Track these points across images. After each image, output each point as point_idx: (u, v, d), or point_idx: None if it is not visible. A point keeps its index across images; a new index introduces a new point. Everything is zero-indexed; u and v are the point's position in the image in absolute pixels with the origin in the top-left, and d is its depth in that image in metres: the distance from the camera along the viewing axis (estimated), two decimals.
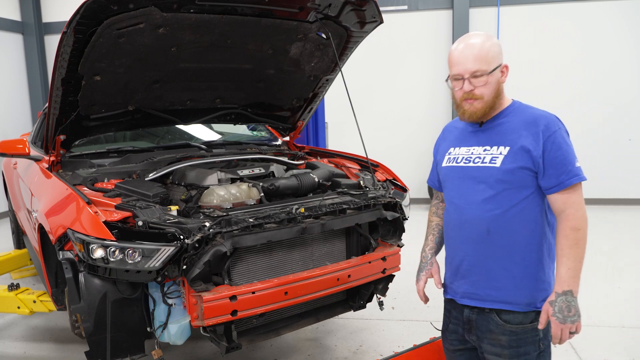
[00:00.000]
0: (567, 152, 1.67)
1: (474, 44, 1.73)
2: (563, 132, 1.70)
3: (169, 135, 4.04)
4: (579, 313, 1.63)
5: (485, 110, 1.75)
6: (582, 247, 1.64)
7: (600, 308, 3.97)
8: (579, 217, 1.64)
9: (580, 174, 1.66)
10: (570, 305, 1.62)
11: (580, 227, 1.64)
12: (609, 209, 7.36)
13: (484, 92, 1.73)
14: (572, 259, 1.63)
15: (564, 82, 7.51)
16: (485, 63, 1.72)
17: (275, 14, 2.89)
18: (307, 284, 2.53)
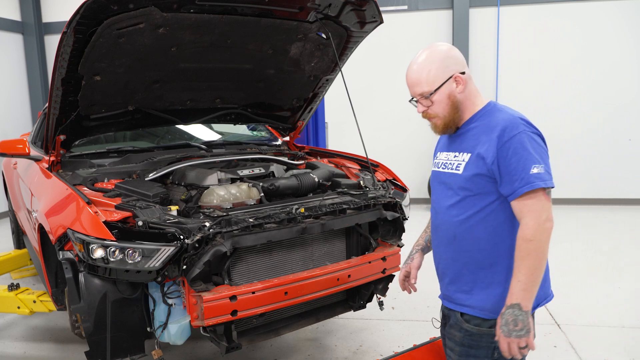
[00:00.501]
0: (523, 158, 1.57)
1: (413, 69, 1.73)
2: (524, 136, 1.60)
3: (169, 135, 4.04)
4: (527, 328, 1.54)
5: (447, 124, 1.74)
6: (534, 259, 1.54)
7: (600, 308, 3.97)
8: (532, 227, 1.55)
9: (534, 182, 1.55)
10: (517, 319, 1.54)
11: (533, 238, 1.54)
12: (609, 209, 7.36)
13: (436, 110, 1.73)
14: (523, 271, 1.55)
15: (564, 82, 7.51)
16: (425, 85, 1.70)
17: (275, 14, 2.89)
18: (307, 284, 2.53)
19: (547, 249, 1.57)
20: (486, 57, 7.64)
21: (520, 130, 1.60)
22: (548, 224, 1.57)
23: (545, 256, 1.58)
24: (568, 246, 5.62)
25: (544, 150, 1.63)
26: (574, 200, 7.71)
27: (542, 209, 1.56)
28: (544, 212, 1.56)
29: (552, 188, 1.59)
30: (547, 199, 1.58)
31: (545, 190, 1.57)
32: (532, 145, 1.59)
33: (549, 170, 1.59)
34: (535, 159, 1.57)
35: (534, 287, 1.56)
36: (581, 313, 3.89)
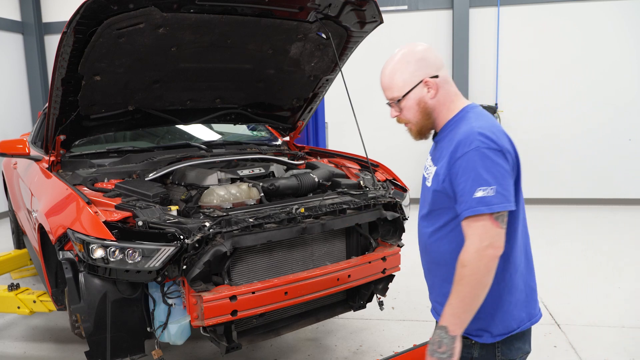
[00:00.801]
0: (470, 179, 1.46)
1: (384, 72, 1.65)
2: (475, 154, 1.46)
3: (169, 135, 4.04)
4: (450, 352, 1.48)
5: (420, 130, 1.67)
6: (467, 285, 1.46)
7: (600, 308, 3.97)
8: (469, 253, 1.45)
9: (475, 207, 1.43)
10: (442, 342, 1.49)
11: (468, 264, 1.45)
12: (609, 209, 7.36)
13: (408, 116, 1.65)
14: (455, 295, 1.48)
15: (564, 82, 7.51)
16: (395, 90, 1.63)
17: (275, 14, 2.89)
18: (307, 284, 2.53)
19: (485, 277, 1.46)
20: (486, 57, 7.64)
21: (473, 147, 1.46)
22: (489, 251, 1.44)
23: (482, 285, 1.46)
24: (568, 246, 5.63)
25: (502, 169, 1.46)
26: (574, 200, 7.71)
27: (485, 234, 1.45)
28: (486, 239, 1.44)
29: (501, 213, 1.45)
30: (495, 225, 1.45)
31: (493, 215, 1.44)
32: (483, 164, 1.45)
33: (503, 192, 1.44)
34: (484, 180, 1.44)
35: (464, 314, 1.49)
36: (581, 313, 3.89)
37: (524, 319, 1.63)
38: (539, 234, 6.08)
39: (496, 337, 1.61)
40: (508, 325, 1.61)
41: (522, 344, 1.67)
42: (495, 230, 1.45)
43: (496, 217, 1.45)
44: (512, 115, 7.62)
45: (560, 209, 7.51)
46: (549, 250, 5.45)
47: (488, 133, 1.49)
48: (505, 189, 1.46)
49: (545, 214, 7.18)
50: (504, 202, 1.45)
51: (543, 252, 5.31)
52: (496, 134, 1.50)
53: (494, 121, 1.60)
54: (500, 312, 1.60)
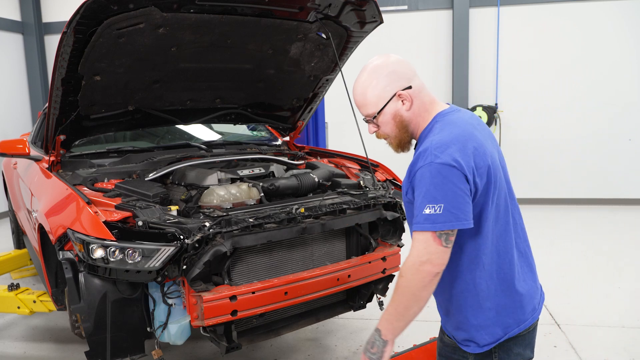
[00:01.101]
0: (421, 195, 1.45)
1: (355, 89, 1.63)
2: (426, 170, 1.45)
3: (169, 135, 4.04)
4: (379, 355, 1.54)
5: (399, 143, 1.64)
6: (401, 295, 1.48)
7: (600, 308, 3.97)
8: (407, 265, 1.47)
9: (422, 223, 1.43)
10: (375, 344, 1.55)
11: (403, 275, 1.47)
12: (609, 209, 7.36)
13: (386, 131, 1.63)
14: (391, 303, 1.53)
15: (564, 82, 7.51)
16: (370, 106, 1.60)
17: (275, 14, 2.89)
18: (307, 284, 2.53)
19: (420, 291, 1.46)
20: (486, 57, 7.64)
21: (427, 162, 1.45)
22: (426, 267, 1.44)
23: (415, 298, 1.47)
24: (568, 246, 5.63)
25: (453, 186, 1.42)
26: (574, 200, 7.71)
27: (424, 250, 1.44)
28: (424, 255, 1.44)
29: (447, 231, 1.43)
30: (436, 242, 1.43)
31: (436, 233, 1.43)
32: (433, 181, 1.43)
33: (453, 210, 1.42)
34: (432, 197, 1.43)
35: (396, 321, 1.52)
36: (581, 313, 3.89)
37: (510, 324, 1.60)
38: (539, 234, 6.08)
39: (483, 347, 1.59)
40: (493, 333, 1.59)
41: (522, 349, 1.64)
42: (435, 248, 1.44)
43: (439, 235, 1.43)
44: (512, 115, 7.63)
45: (560, 209, 7.51)
46: (549, 250, 5.45)
47: (444, 147, 1.45)
48: (455, 207, 1.42)
49: (545, 214, 7.18)
50: (452, 220, 1.42)
51: (543, 252, 5.31)
52: (452, 148, 1.45)
53: (461, 132, 1.52)
54: (482, 322, 1.58)
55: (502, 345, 1.60)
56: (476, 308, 1.58)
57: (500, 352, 1.61)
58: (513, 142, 7.65)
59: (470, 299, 1.58)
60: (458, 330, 1.63)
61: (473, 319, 1.59)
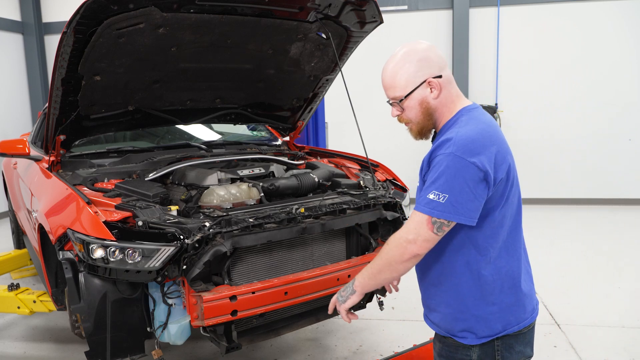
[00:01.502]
0: (431, 179, 1.49)
1: (385, 70, 1.64)
2: (446, 159, 1.47)
3: (169, 135, 4.04)
4: (345, 299, 1.69)
5: (421, 131, 1.66)
6: (380, 259, 1.58)
7: (600, 308, 3.97)
8: (395, 237, 1.55)
9: (422, 206, 1.48)
10: (347, 289, 1.71)
11: (389, 244, 1.56)
12: (609, 209, 7.36)
13: (409, 116, 1.64)
14: (372, 261, 1.63)
15: (564, 82, 7.51)
16: (398, 89, 1.61)
17: (275, 14, 2.89)
18: (307, 284, 2.53)
19: (396, 264, 1.54)
20: (486, 57, 7.64)
21: (448, 152, 1.47)
22: (409, 246, 1.51)
23: (390, 267, 1.56)
24: (568, 246, 5.63)
25: (463, 182, 1.45)
26: (574, 200, 7.71)
27: (414, 231, 1.50)
28: (412, 233, 1.50)
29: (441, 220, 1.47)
30: (428, 227, 1.48)
31: (432, 219, 1.47)
32: (449, 171, 1.45)
33: (455, 204, 1.45)
34: (441, 186, 1.46)
35: (369, 279, 1.64)
36: (581, 313, 3.89)
37: (511, 322, 1.62)
38: (539, 234, 6.08)
39: (481, 338, 1.61)
40: (492, 327, 1.60)
41: (524, 347, 1.66)
42: (425, 232, 1.49)
43: (434, 222, 1.48)
44: (512, 115, 7.63)
45: (560, 209, 7.51)
46: (549, 250, 5.45)
47: (468, 142, 1.47)
48: (459, 201, 1.45)
49: (545, 214, 7.18)
50: (451, 212, 1.46)
51: (543, 252, 5.31)
52: (476, 145, 1.48)
53: (486, 127, 1.55)
54: (483, 314, 1.60)
55: (504, 343, 1.62)
56: (478, 299, 1.59)
57: (502, 351, 1.63)
58: (513, 142, 7.57)
59: (474, 290, 1.59)
60: (456, 322, 1.63)
61: (474, 310, 1.60)
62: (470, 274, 1.59)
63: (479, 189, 1.47)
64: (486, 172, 1.46)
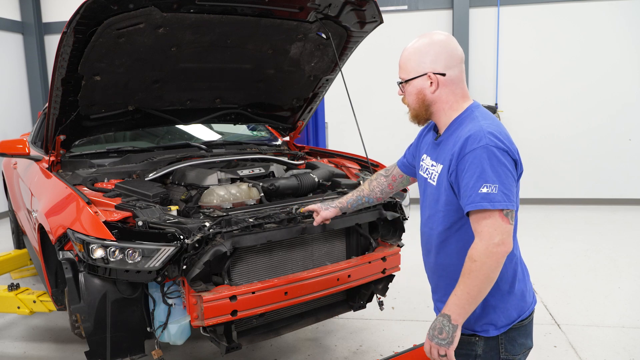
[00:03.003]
0: (476, 174, 1.48)
1: (404, 51, 1.69)
2: (483, 151, 1.49)
3: (169, 135, 4.04)
4: (450, 340, 1.52)
5: (415, 117, 1.72)
6: (474, 279, 1.48)
7: (600, 308, 3.97)
8: (479, 249, 1.48)
9: (479, 202, 1.46)
10: (443, 329, 1.54)
11: (477, 260, 1.47)
12: (609, 209, 7.36)
13: (408, 100, 1.71)
14: (461, 287, 1.51)
15: (564, 82, 7.51)
16: (404, 71, 1.68)
17: (275, 14, 2.89)
18: (307, 284, 2.53)
19: (492, 273, 1.49)
20: (486, 57, 7.64)
21: (482, 144, 1.50)
22: (500, 248, 1.47)
23: (489, 280, 1.49)
24: (568, 246, 5.62)
25: (506, 169, 1.49)
26: (575, 200, 7.71)
27: (495, 231, 1.47)
28: (496, 235, 1.47)
29: (510, 210, 1.48)
30: (505, 221, 1.48)
31: (503, 212, 1.47)
32: (490, 162, 1.48)
33: (506, 191, 1.48)
34: (489, 178, 1.47)
35: (468, 305, 1.52)
36: (581, 313, 3.89)
37: (523, 308, 1.68)
38: (539, 234, 6.08)
39: (500, 328, 1.65)
40: (509, 315, 1.65)
41: (525, 339, 1.71)
42: (505, 227, 1.48)
43: (506, 214, 1.48)
44: (512, 115, 7.63)
45: (560, 209, 7.51)
46: (549, 250, 5.45)
47: (496, 133, 1.53)
48: (508, 189, 1.48)
49: (545, 214, 7.18)
50: (506, 201, 1.48)
51: (543, 252, 5.31)
52: (503, 135, 1.55)
53: (500, 123, 1.63)
54: (504, 304, 1.65)
55: (507, 337, 1.66)
56: (496, 290, 1.61)
57: (506, 344, 1.66)
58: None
59: (503, 285, 1.63)
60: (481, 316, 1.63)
61: (493, 301, 1.63)
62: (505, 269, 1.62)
63: (515, 174, 1.55)
64: (516, 160, 1.55)
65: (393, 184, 2.10)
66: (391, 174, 2.10)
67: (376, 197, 2.14)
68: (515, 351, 1.67)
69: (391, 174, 2.10)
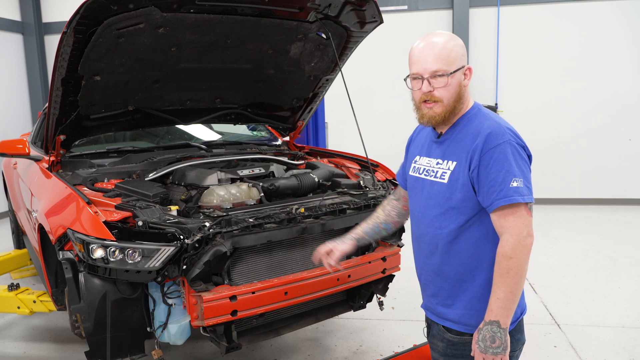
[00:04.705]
0: (504, 169, 1.51)
1: (436, 43, 1.62)
2: (508, 146, 1.53)
3: (169, 135, 4.04)
4: (504, 345, 1.52)
5: (445, 114, 1.63)
6: (514, 276, 1.50)
7: (600, 308, 3.97)
8: (512, 244, 1.50)
9: (512, 195, 1.49)
10: (495, 337, 1.52)
11: (513, 256, 1.50)
12: (609, 209, 7.36)
13: (444, 94, 1.61)
14: (502, 288, 1.51)
15: (564, 82, 7.51)
16: (446, 63, 1.60)
17: (275, 14, 2.89)
18: (307, 284, 2.53)
19: (526, 265, 1.53)
20: (486, 57, 7.63)
21: (506, 140, 1.54)
22: (528, 240, 1.53)
23: (524, 273, 1.53)
24: (568, 246, 5.63)
25: (526, 164, 1.57)
26: (575, 200, 7.71)
27: (523, 225, 1.52)
28: (524, 228, 1.52)
29: (531, 203, 1.55)
30: (529, 214, 1.53)
31: (527, 205, 1.53)
32: (514, 157, 1.53)
33: (529, 185, 1.54)
34: (516, 172, 1.52)
35: (513, 304, 1.53)
36: (581, 313, 3.89)
37: (523, 305, 1.73)
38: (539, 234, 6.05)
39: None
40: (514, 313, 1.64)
41: (520, 334, 1.73)
42: (529, 220, 1.55)
43: (530, 207, 1.55)
44: (512, 115, 7.61)
45: (560, 209, 7.51)
46: (549, 250, 5.45)
47: (512, 130, 1.60)
48: (529, 182, 1.57)
49: (545, 214, 7.18)
50: (530, 194, 1.55)
51: (543, 252, 5.31)
52: (517, 133, 1.62)
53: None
54: None
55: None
56: None
57: None
58: None
59: None
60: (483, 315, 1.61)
61: None
62: None
63: (530, 170, 1.61)
64: (530, 156, 1.63)
65: (406, 204, 2.02)
66: (400, 196, 2.03)
67: (394, 221, 2.04)
68: (513, 347, 1.66)
69: (400, 195, 2.03)
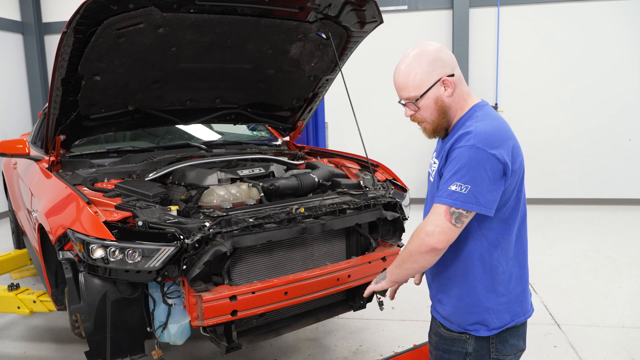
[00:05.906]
0: (453, 171, 1.51)
1: (400, 71, 1.64)
2: (467, 151, 1.50)
3: (169, 135, 4.04)
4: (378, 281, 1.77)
5: (435, 129, 1.67)
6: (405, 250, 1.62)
7: (600, 308, 3.97)
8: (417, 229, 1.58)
9: (444, 198, 1.51)
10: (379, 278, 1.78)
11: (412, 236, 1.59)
12: (609, 209, 7.36)
13: (424, 115, 1.65)
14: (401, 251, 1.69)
15: (564, 82, 7.51)
16: (413, 89, 1.61)
17: (275, 14, 2.89)
18: (307, 284, 2.53)
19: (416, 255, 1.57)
20: (486, 57, 7.64)
21: (469, 145, 1.51)
22: (427, 239, 1.53)
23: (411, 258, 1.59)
24: (568, 246, 5.63)
25: (487, 173, 1.49)
26: (575, 200, 7.71)
27: (432, 223, 1.53)
28: (430, 224, 1.53)
29: (465, 211, 1.50)
30: (446, 218, 1.51)
31: (450, 209, 1.50)
32: (471, 163, 1.49)
33: (477, 194, 1.48)
34: (463, 177, 1.49)
35: (397, 268, 1.68)
36: (581, 313, 3.89)
37: (518, 312, 1.68)
38: (539, 234, 6.08)
39: (492, 330, 1.65)
40: (502, 318, 1.65)
41: (517, 340, 1.70)
42: (442, 222, 1.52)
43: (452, 212, 1.51)
44: (512, 115, 7.61)
45: (560, 209, 7.51)
46: (549, 250, 5.45)
47: (487, 135, 1.52)
48: (480, 191, 1.49)
49: (546, 214, 7.18)
50: (473, 203, 1.50)
51: (543, 252, 5.31)
52: (496, 139, 1.52)
53: (501, 123, 1.60)
54: (494, 305, 1.64)
55: (498, 336, 1.66)
56: (490, 290, 1.63)
57: (497, 344, 1.67)
58: None
59: (487, 282, 1.63)
60: (469, 315, 1.65)
61: (486, 301, 1.64)
62: (483, 266, 1.62)
63: (498, 180, 1.51)
64: (505, 164, 1.51)
65: None
66: None
67: None
68: (506, 352, 1.67)
69: None
